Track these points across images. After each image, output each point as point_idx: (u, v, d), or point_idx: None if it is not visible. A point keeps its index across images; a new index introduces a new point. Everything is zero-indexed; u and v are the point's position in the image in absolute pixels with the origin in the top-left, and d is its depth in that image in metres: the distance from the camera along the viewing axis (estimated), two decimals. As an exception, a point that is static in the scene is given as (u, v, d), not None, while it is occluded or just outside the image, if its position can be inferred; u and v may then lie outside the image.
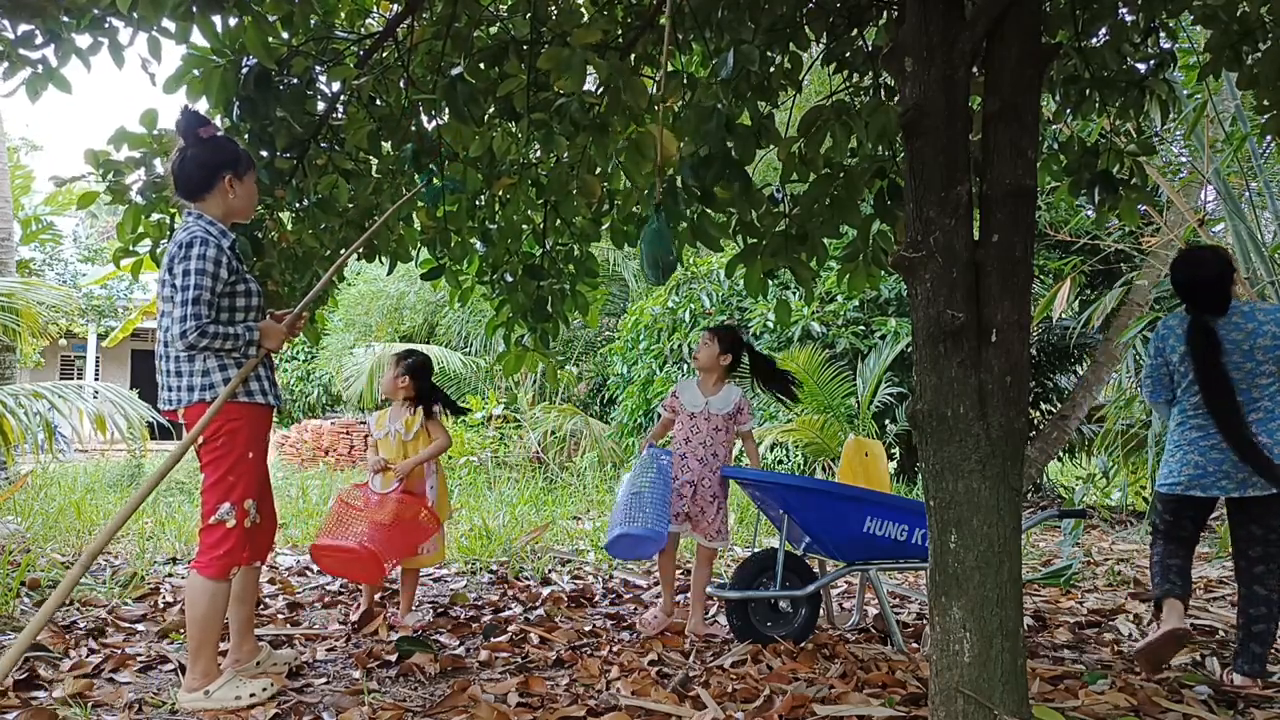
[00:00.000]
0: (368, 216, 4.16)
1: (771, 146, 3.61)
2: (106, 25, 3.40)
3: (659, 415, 4.36)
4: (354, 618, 4.12)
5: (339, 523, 3.86)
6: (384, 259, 4.46)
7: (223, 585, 2.98)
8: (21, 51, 3.41)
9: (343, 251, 4.38)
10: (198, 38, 3.32)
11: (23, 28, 3.38)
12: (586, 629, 4.13)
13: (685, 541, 4.34)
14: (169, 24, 3.21)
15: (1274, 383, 3.22)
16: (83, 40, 3.46)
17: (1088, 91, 3.72)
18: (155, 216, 3.91)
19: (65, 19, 3.34)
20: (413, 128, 3.74)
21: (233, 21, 3.26)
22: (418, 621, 4.14)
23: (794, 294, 10.01)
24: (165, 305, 2.97)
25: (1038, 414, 10.58)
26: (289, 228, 4.16)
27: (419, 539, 3.99)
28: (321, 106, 3.88)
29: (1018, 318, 2.51)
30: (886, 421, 9.72)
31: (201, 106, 3.47)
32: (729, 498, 4.30)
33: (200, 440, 2.96)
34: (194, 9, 3.01)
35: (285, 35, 3.58)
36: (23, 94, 3.74)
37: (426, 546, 4.10)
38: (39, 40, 3.41)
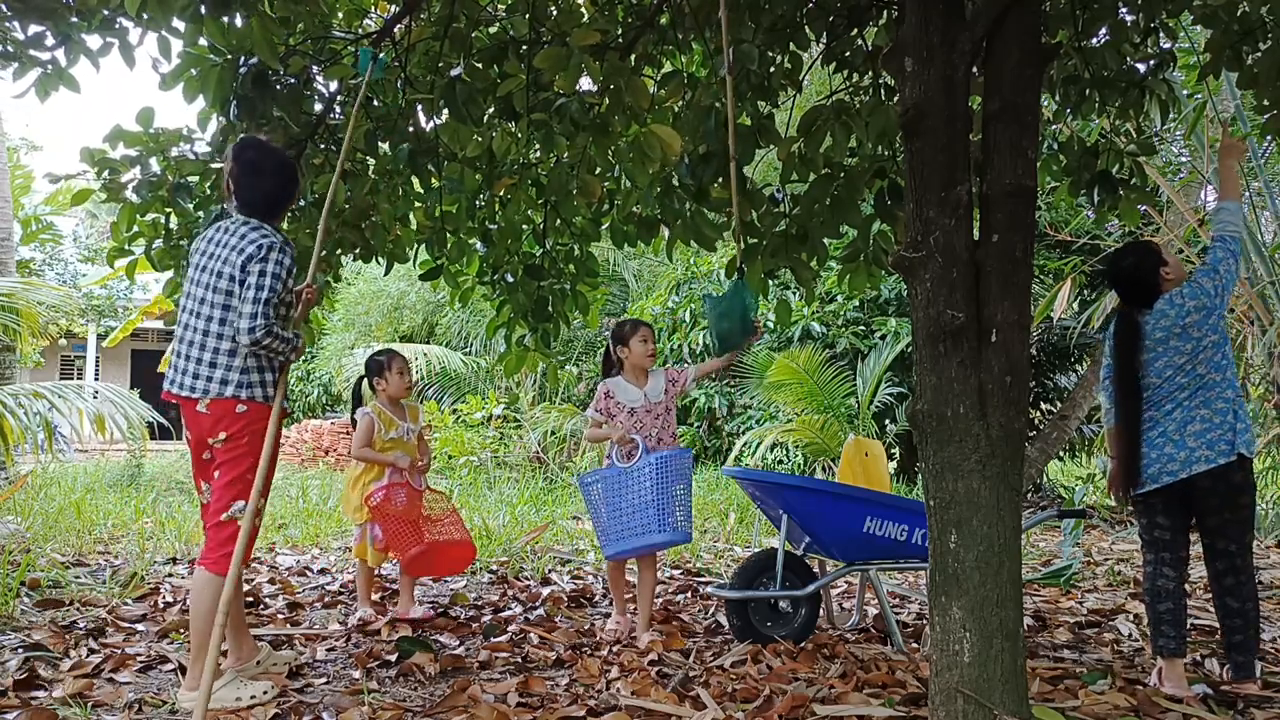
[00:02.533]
0: (364, 216, 4.16)
1: (771, 146, 3.61)
2: (116, 26, 3.41)
3: (590, 421, 4.06)
4: (353, 621, 4.10)
5: (419, 525, 3.94)
6: (381, 259, 4.44)
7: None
8: (32, 52, 3.43)
9: (340, 251, 4.38)
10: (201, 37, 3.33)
11: (33, 28, 3.40)
12: (586, 629, 4.13)
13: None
14: (178, 24, 3.23)
15: (1218, 350, 3.20)
16: (93, 41, 3.47)
17: (1088, 91, 3.72)
18: (150, 216, 3.90)
19: (75, 20, 3.35)
20: (410, 128, 3.74)
21: (239, 21, 3.26)
22: (425, 613, 4.17)
23: (794, 294, 10.01)
24: (210, 294, 3.00)
25: (1038, 414, 10.58)
26: (285, 227, 4.15)
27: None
28: (318, 106, 3.87)
29: (1018, 318, 2.50)
30: (886, 421, 9.72)
31: (198, 105, 3.48)
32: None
33: (221, 436, 2.99)
34: (202, 10, 3.02)
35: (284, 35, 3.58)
36: (16, 91, 3.76)
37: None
38: (49, 41, 3.42)
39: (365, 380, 4.29)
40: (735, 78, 3.26)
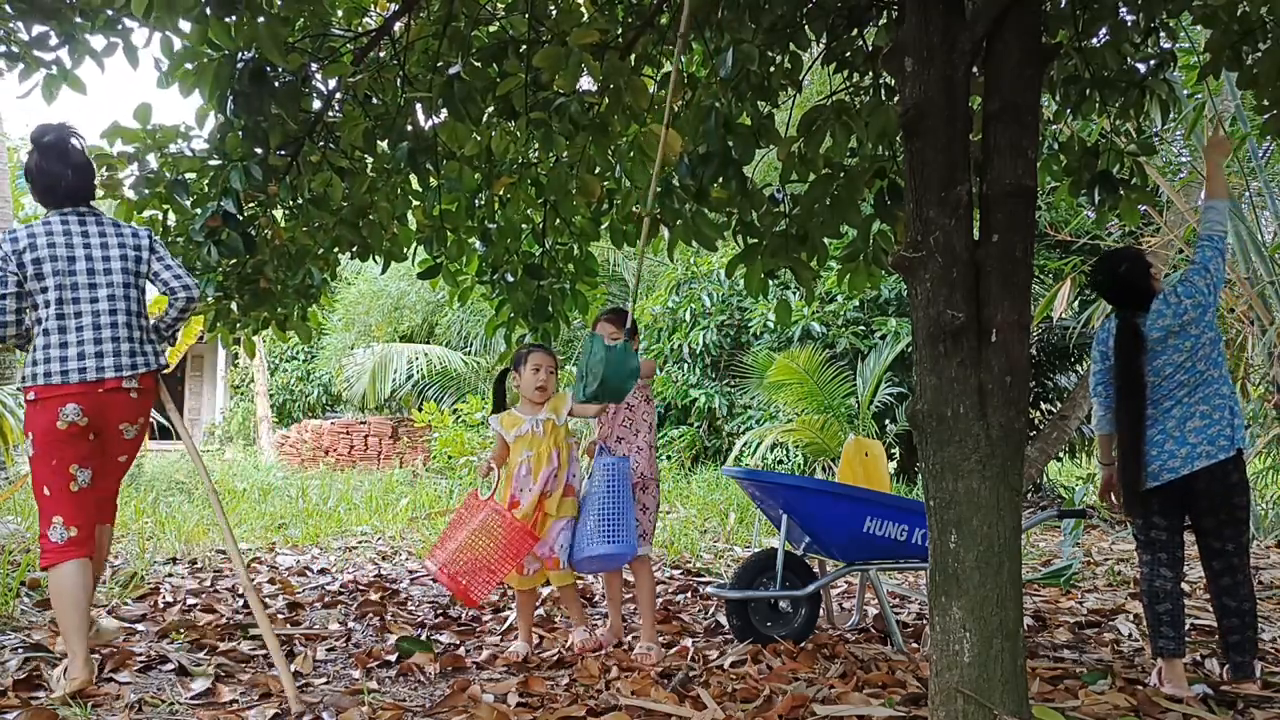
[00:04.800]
0: (362, 215, 4.15)
1: (771, 146, 3.61)
2: (120, 27, 3.41)
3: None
4: (519, 654, 3.65)
5: (444, 540, 3.52)
6: (378, 258, 4.43)
7: None
8: (36, 53, 3.44)
9: (337, 249, 4.36)
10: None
11: (37, 29, 3.40)
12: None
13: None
14: (183, 25, 3.22)
15: (1214, 347, 3.23)
16: (96, 41, 3.47)
17: (1088, 91, 3.71)
18: (148, 213, 3.90)
19: (79, 20, 3.35)
20: (409, 126, 3.74)
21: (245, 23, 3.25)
22: (582, 643, 3.68)
23: (794, 294, 10.02)
24: (123, 277, 3.24)
25: (1038, 414, 10.58)
26: (282, 225, 4.15)
27: (518, 553, 3.47)
28: (317, 104, 3.87)
29: (1018, 318, 2.50)
30: (886, 421, 9.72)
31: (195, 100, 3.48)
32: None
33: (140, 421, 3.29)
34: (207, 11, 3.01)
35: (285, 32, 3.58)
36: (21, 92, 3.77)
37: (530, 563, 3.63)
38: (53, 42, 3.43)
39: (506, 376, 3.88)
40: (735, 78, 3.26)
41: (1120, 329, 3.33)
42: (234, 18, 3.11)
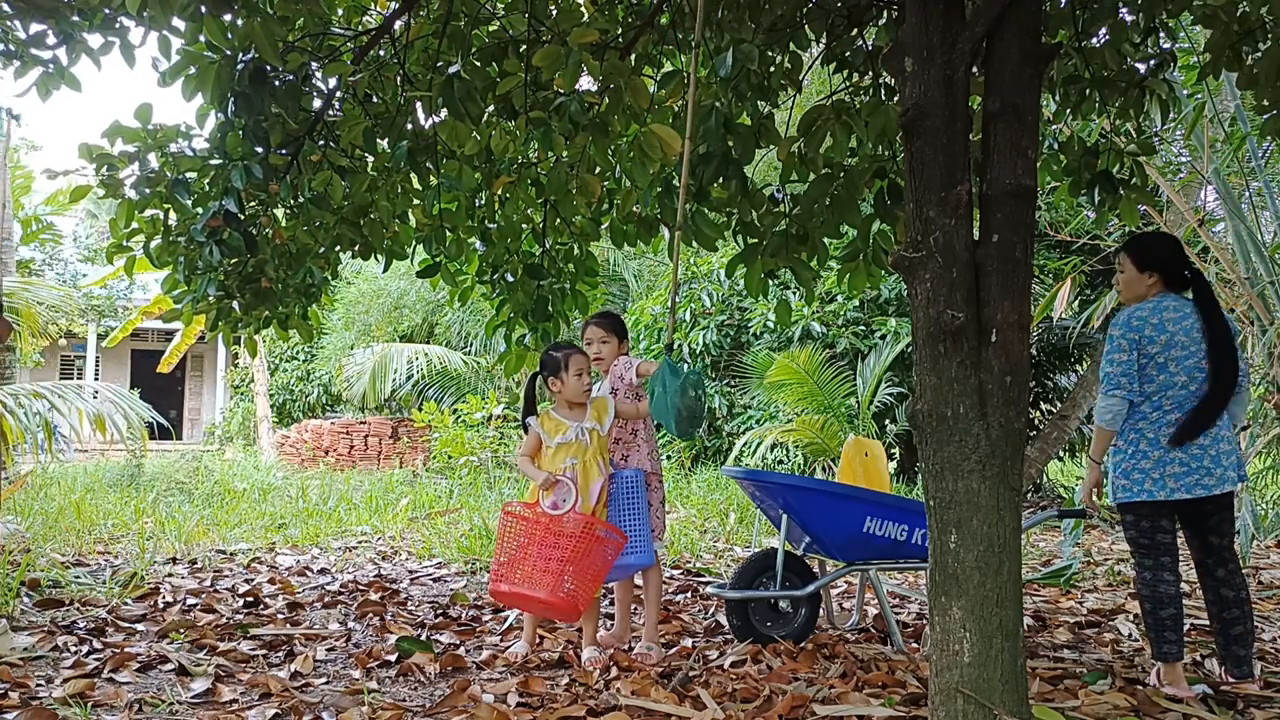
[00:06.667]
0: (362, 214, 4.14)
1: (771, 146, 3.61)
2: (117, 25, 3.41)
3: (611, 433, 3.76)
4: (519, 654, 3.65)
5: (516, 560, 3.34)
6: (379, 256, 4.43)
7: None
8: (33, 51, 3.45)
9: (338, 248, 4.36)
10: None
11: (35, 27, 3.41)
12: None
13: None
14: (178, 23, 3.22)
15: None
16: (94, 40, 3.48)
17: (1088, 91, 3.71)
18: (149, 212, 3.90)
19: (76, 19, 3.35)
20: (409, 125, 3.74)
21: (239, 21, 3.26)
22: (595, 658, 3.53)
23: (794, 294, 10.02)
24: None
25: (1038, 414, 10.58)
26: (283, 224, 4.14)
27: (608, 558, 3.40)
28: (317, 103, 3.87)
29: (1018, 318, 2.50)
30: (886, 421, 9.72)
31: (197, 101, 3.48)
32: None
33: None
34: (203, 9, 3.01)
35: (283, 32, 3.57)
36: (18, 91, 3.78)
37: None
38: (51, 40, 3.44)
39: (539, 379, 3.77)
40: (735, 78, 3.26)
41: (1209, 313, 3.15)
42: (230, 16, 3.11)
